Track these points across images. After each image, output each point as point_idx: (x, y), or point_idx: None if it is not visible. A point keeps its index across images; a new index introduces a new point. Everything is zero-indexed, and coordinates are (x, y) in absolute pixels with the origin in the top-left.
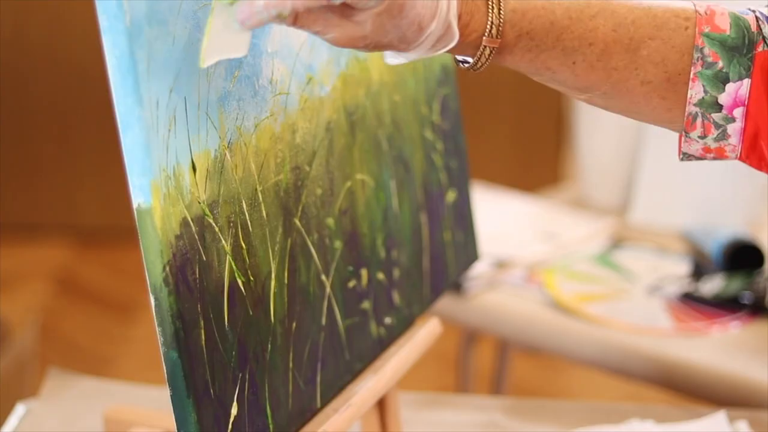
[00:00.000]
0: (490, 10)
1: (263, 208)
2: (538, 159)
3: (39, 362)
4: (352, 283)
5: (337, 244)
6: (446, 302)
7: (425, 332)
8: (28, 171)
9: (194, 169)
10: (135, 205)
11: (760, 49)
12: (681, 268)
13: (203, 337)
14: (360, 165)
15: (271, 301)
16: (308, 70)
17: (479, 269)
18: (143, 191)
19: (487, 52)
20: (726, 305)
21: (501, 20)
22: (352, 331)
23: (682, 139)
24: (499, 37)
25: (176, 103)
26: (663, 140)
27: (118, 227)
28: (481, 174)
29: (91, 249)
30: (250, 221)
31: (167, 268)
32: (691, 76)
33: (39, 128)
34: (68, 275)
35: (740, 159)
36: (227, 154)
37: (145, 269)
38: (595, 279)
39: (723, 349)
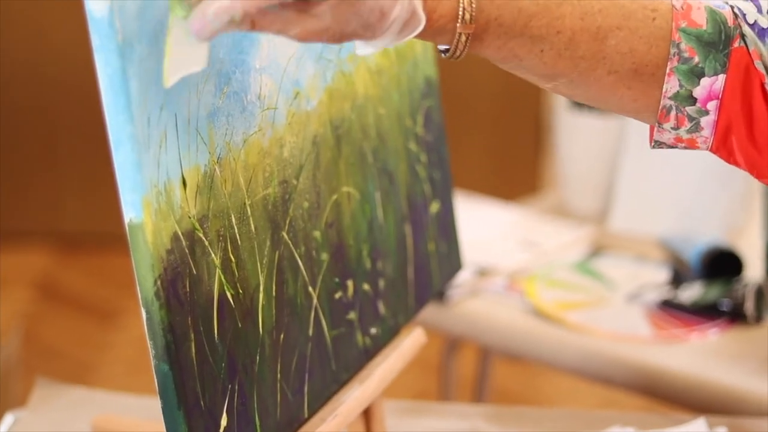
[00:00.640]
0: None
1: (252, 221)
2: (517, 168)
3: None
4: (338, 295)
5: (324, 256)
6: (429, 310)
7: (410, 342)
8: (9, 178)
9: (185, 184)
10: (127, 221)
11: (736, 44)
12: (660, 275)
13: (194, 349)
14: (346, 178)
15: (260, 313)
16: (295, 84)
17: (461, 278)
18: (135, 207)
19: (464, 38)
20: (705, 312)
21: (473, 6)
22: (338, 341)
23: (655, 128)
24: (472, 22)
25: (167, 119)
26: (642, 149)
27: (99, 233)
28: (461, 183)
29: (72, 255)
30: (239, 235)
31: (158, 282)
32: (667, 71)
33: (21, 135)
34: (50, 281)
35: (711, 150)
36: (217, 169)
37: (137, 283)
38: (576, 287)
39: (702, 356)
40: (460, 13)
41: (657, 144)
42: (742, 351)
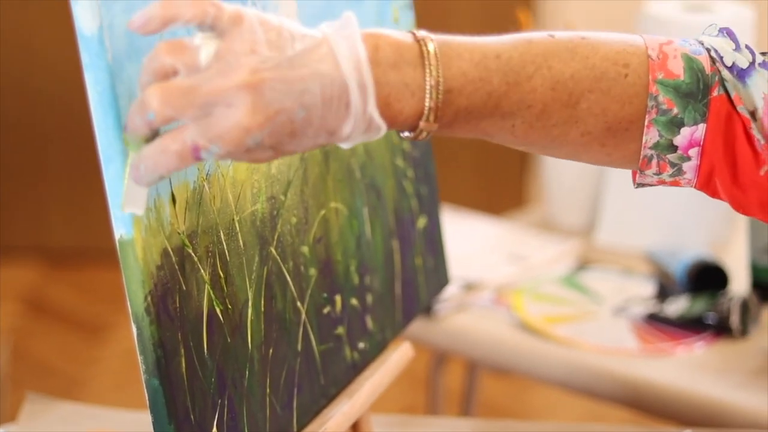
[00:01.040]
0: (428, 95)
1: (240, 237)
2: (502, 182)
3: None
4: (326, 310)
5: (312, 271)
6: (416, 325)
7: (398, 356)
8: None
9: (174, 200)
10: (117, 237)
11: (715, 93)
12: (646, 289)
13: (184, 364)
14: (334, 193)
15: (249, 328)
16: None
17: (448, 292)
18: (125, 223)
19: (425, 134)
20: (691, 326)
21: (439, 104)
22: (327, 356)
23: (637, 174)
24: (436, 121)
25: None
26: None
27: (87, 248)
28: (447, 197)
29: (60, 270)
30: (228, 251)
31: (149, 298)
32: (646, 122)
33: (7, 150)
34: (37, 296)
35: (695, 188)
36: (205, 185)
37: (127, 299)
38: (562, 300)
39: (688, 369)
40: (426, 113)
41: (640, 185)
42: (728, 364)
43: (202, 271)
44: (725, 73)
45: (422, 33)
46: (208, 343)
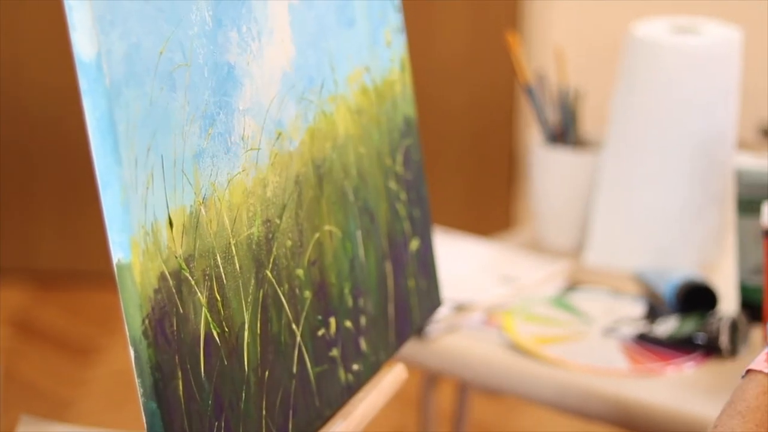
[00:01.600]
0: None
1: (236, 260)
2: (491, 204)
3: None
4: (321, 332)
5: (307, 294)
6: (407, 346)
7: (391, 378)
8: None
9: (171, 224)
10: (115, 261)
11: None
12: (636, 309)
13: (181, 387)
14: (328, 216)
15: (245, 351)
16: (277, 125)
17: (439, 313)
18: (123, 247)
19: None
20: (680, 346)
21: None
22: (322, 378)
23: None
24: None
25: (154, 161)
26: (616, 184)
27: (76, 270)
28: (436, 219)
29: (49, 292)
30: (224, 274)
31: (146, 321)
32: None
33: None
34: (27, 318)
35: None
36: (202, 209)
37: (125, 322)
38: (552, 321)
39: (678, 389)
40: None
41: None
42: (718, 384)
43: (199, 294)
44: None
45: None
46: (205, 365)
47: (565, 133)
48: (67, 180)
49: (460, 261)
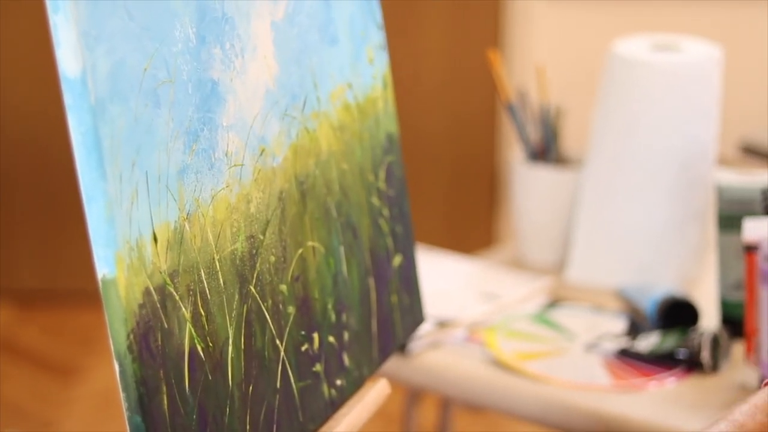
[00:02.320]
0: None
1: (220, 276)
2: (472, 222)
3: None
4: (304, 347)
5: (290, 309)
6: (390, 362)
7: (375, 393)
8: None
9: (156, 240)
10: (100, 276)
11: None
12: (617, 325)
13: (166, 401)
14: (311, 232)
15: (229, 365)
16: (261, 141)
17: (422, 329)
18: (108, 262)
19: None
20: (662, 361)
21: None
22: (305, 393)
23: None
24: None
25: (138, 177)
26: (597, 201)
27: (57, 290)
28: (418, 237)
29: (29, 312)
30: (209, 289)
31: (131, 336)
32: None
33: None
34: (8, 338)
35: None
36: (186, 225)
37: (110, 337)
38: (534, 337)
39: (660, 404)
40: None
41: None
42: (699, 399)
43: (184, 309)
44: None
45: None
46: (189, 380)
47: (547, 150)
48: (46, 199)
49: (443, 278)
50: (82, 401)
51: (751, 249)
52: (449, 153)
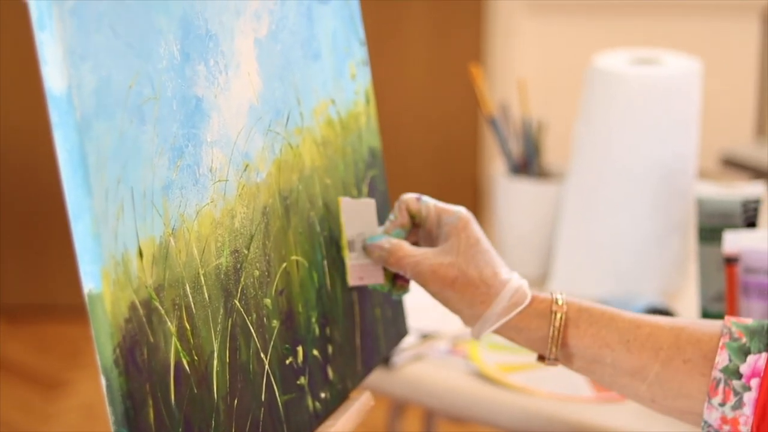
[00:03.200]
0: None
1: (205, 290)
2: None
3: None
4: (289, 360)
5: (275, 323)
6: (373, 375)
7: (359, 405)
8: None
9: (141, 255)
10: (86, 291)
11: None
12: None
13: (152, 415)
14: (294, 247)
15: (214, 379)
16: (245, 157)
17: (405, 342)
18: (94, 278)
19: (559, 317)
20: None
21: (564, 297)
22: (290, 406)
23: (705, 406)
24: (564, 304)
25: (124, 193)
26: (579, 214)
27: (42, 305)
28: None
29: (16, 326)
30: (194, 303)
31: (117, 350)
32: (720, 344)
33: None
34: None
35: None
36: (171, 240)
37: (96, 351)
38: (517, 349)
39: (641, 414)
40: (555, 298)
41: (706, 424)
42: None
43: (169, 323)
44: None
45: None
46: (175, 393)
47: (529, 163)
48: (33, 215)
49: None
50: (68, 415)
51: (731, 261)
52: (432, 166)
